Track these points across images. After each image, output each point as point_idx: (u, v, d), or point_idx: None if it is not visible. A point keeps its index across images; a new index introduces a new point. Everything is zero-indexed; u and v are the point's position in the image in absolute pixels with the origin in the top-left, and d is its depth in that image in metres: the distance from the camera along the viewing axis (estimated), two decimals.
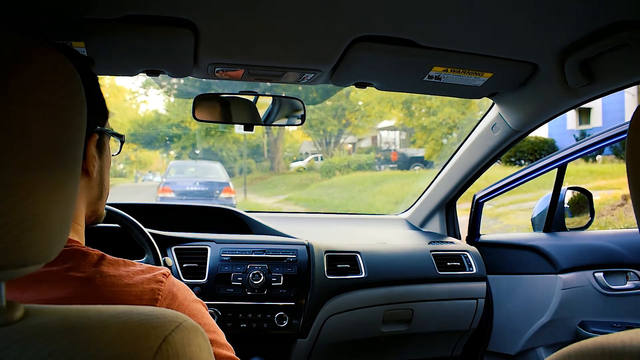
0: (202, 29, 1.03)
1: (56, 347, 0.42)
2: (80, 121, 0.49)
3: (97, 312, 0.47)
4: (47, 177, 0.45)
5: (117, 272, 0.69)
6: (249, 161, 17.64)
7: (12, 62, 0.43)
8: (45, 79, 0.45)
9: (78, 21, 0.98)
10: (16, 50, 0.44)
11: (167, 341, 0.45)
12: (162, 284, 0.71)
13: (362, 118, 17.06)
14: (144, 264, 0.74)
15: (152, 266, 0.74)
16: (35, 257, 0.45)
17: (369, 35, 1.09)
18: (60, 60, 0.48)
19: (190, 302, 0.76)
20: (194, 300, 0.78)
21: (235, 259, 1.71)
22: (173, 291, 0.72)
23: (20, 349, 0.42)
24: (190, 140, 17.18)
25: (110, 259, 0.71)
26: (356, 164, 15.80)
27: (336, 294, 1.78)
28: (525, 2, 0.94)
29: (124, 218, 1.51)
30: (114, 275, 0.68)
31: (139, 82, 17.99)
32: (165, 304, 0.70)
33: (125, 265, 0.71)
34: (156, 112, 18.48)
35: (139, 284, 0.69)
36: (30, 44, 0.46)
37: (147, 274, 0.71)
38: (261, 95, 1.52)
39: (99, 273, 0.67)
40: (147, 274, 0.71)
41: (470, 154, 1.93)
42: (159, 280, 0.71)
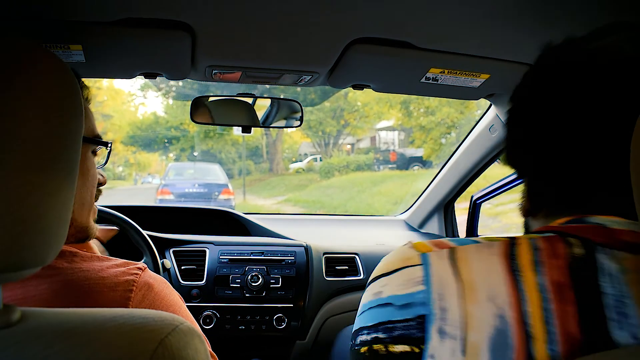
0: (199, 32, 1.03)
1: (53, 351, 0.42)
2: (77, 124, 0.49)
3: (93, 315, 0.47)
4: (44, 180, 0.45)
5: (90, 266, 0.69)
6: (247, 163, 17.64)
7: (9, 65, 0.43)
8: (43, 82, 0.45)
9: (75, 24, 0.98)
10: (13, 52, 0.44)
11: (163, 344, 0.45)
12: (137, 276, 0.71)
13: (360, 119, 17.07)
14: (119, 259, 0.74)
15: (128, 261, 0.74)
16: (33, 259, 0.45)
17: (366, 37, 1.09)
18: (58, 63, 0.47)
19: (167, 294, 0.75)
20: (170, 292, 0.77)
21: (233, 260, 1.72)
22: (149, 282, 0.72)
23: (17, 352, 0.42)
24: (189, 142, 17.18)
25: (83, 254, 0.71)
26: (355, 164, 15.81)
27: (335, 295, 1.78)
28: (522, 3, 0.94)
29: (122, 220, 1.51)
30: (87, 270, 0.68)
31: (137, 85, 18.01)
32: (140, 295, 0.69)
33: (99, 260, 0.71)
34: (155, 115, 18.49)
35: (112, 276, 0.68)
36: (28, 46, 0.46)
37: (122, 267, 0.71)
38: (259, 98, 1.52)
39: (72, 269, 0.67)
40: (122, 267, 0.71)
41: (468, 156, 1.93)
42: (133, 273, 0.71)
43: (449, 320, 0.53)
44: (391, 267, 0.62)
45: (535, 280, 0.53)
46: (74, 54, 1.09)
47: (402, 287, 0.59)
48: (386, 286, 0.61)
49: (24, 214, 0.43)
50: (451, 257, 0.58)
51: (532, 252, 0.55)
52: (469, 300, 0.53)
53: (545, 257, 0.54)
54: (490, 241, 0.59)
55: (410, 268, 0.59)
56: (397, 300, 0.58)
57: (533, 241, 0.57)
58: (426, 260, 0.59)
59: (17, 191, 0.42)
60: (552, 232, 0.59)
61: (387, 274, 0.62)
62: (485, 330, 0.51)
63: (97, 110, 1.36)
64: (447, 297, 0.54)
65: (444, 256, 0.58)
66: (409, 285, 0.58)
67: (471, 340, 0.51)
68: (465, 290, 0.54)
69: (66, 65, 0.49)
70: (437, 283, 0.56)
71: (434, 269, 0.57)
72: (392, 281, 0.60)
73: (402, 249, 0.64)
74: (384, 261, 0.65)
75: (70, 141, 0.48)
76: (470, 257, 0.57)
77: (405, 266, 0.60)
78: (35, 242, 0.44)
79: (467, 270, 0.55)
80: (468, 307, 0.53)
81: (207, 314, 1.64)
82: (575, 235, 0.57)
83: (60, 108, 0.47)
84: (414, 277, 0.58)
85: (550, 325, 0.51)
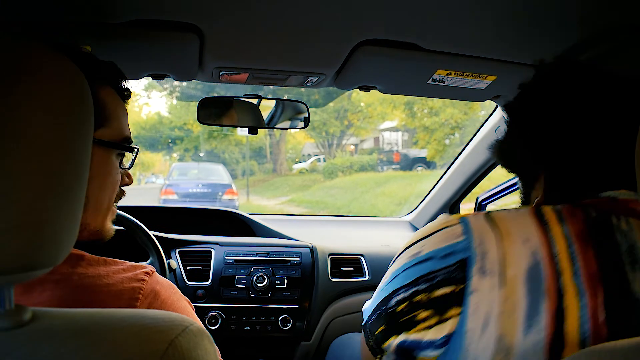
0: (207, 33, 1.03)
1: (64, 350, 0.42)
2: (87, 125, 0.49)
3: (104, 316, 0.47)
4: (53, 182, 0.45)
5: (95, 272, 0.66)
6: (251, 163, 17.65)
7: (18, 67, 0.44)
8: (52, 83, 0.45)
9: (84, 25, 0.99)
10: (22, 54, 0.44)
11: (173, 345, 0.45)
12: (144, 282, 0.68)
13: (364, 119, 17.04)
14: (127, 262, 0.72)
15: (135, 264, 0.72)
16: (44, 260, 0.45)
17: (373, 39, 1.09)
18: (67, 64, 0.48)
19: (175, 300, 0.73)
20: (178, 298, 0.74)
21: (239, 261, 1.72)
22: (156, 289, 0.70)
23: (28, 352, 0.43)
24: (192, 142, 17.19)
25: (90, 258, 0.68)
26: (359, 165, 15.79)
27: (340, 296, 1.78)
28: (528, 5, 0.94)
29: (129, 220, 1.51)
30: (92, 276, 0.66)
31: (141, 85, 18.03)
32: (146, 303, 0.67)
33: (105, 264, 0.69)
34: (159, 115, 18.50)
35: (118, 283, 0.66)
36: (37, 47, 0.46)
37: (129, 272, 0.69)
38: (265, 99, 1.52)
39: (77, 274, 0.65)
40: (128, 272, 0.69)
41: (473, 157, 1.93)
42: (140, 279, 0.68)
43: (488, 260, 0.62)
44: (430, 230, 0.72)
45: (561, 230, 0.64)
46: None
47: (443, 241, 0.68)
48: (425, 245, 0.70)
49: (34, 216, 0.43)
50: (487, 217, 0.68)
51: (556, 212, 0.66)
52: (506, 243, 0.63)
53: (567, 216, 0.66)
54: (517, 209, 0.70)
55: (450, 227, 0.69)
56: (438, 253, 0.67)
57: (553, 207, 0.68)
58: (465, 220, 0.68)
59: (27, 194, 0.43)
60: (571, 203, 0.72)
61: (426, 237, 0.71)
62: (521, 266, 0.61)
63: None
64: (487, 242, 0.64)
65: (481, 217, 0.68)
66: (450, 239, 0.67)
67: (509, 275, 0.61)
68: (502, 236, 0.64)
69: (75, 66, 0.49)
70: (477, 233, 0.65)
71: (473, 225, 0.67)
72: (431, 240, 0.69)
73: (439, 217, 0.74)
74: (422, 229, 0.74)
75: (79, 144, 0.48)
76: (504, 215, 0.67)
77: (445, 227, 0.69)
78: (45, 244, 0.45)
79: (503, 224, 0.65)
80: (506, 248, 0.63)
81: (213, 314, 1.64)
82: (590, 205, 0.68)
83: (69, 111, 0.47)
84: (455, 233, 0.67)
85: (574, 263, 0.62)
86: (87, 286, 0.64)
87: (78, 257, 0.67)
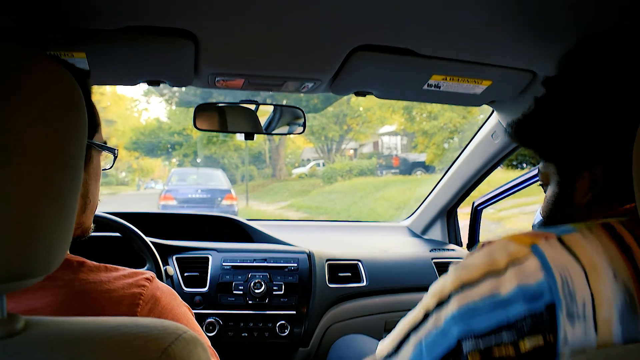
0: (202, 40, 1.04)
1: (56, 359, 0.42)
2: (81, 132, 0.49)
3: (97, 324, 0.47)
4: (48, 188, 0.45)
5: (97, 278, 0.67)
6: (250, 168, 17.65)
7: (13, 73, 0.43)
8: (46, 90, 0.45)
9: (79, 32, 0.99)
10: (16, 60, 0.44)
11: (166, 353, 0.45)
12: (145, 289, 0.69)
13: (363, 124, 17.08)
14: (127, 268, 0.72)
15: (136, 271, 0.72)
16: (37, 268, 0.45)
17: (368, 45, 1.09)
18: (61, 71, 0.47)
19: (175, 306, 0.73)
20: (178, 304, 0.75)
21: (236, 267, 1.72)
22: (156, 295, 0.70)
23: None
24: (191, 147, 17.20)
25: (91, 264, 0.69)
26: (358, 169, 15.81)
27: (337, 302, 1.78)
28: (523, 11, 0.95)
29: (125, 227, 1.51)
30: (94, 282, 0.66)
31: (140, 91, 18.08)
32: (146, 309, 0.68)
33: (106, 270, 0.70)
34: (158, 120, 18.53)
35: (119, 289, 0.67)
36: (31, 54, 0.46)
37: (129, 278, 0.70)
38: (262, 104, 1.53)
39: (78, 280, 0.66)
40: (129, 278, 0.70)
41: (470, 162, 1.93)
42: (141, 285, 0.69)
43: (577, 303, 0.54)
44: (499, 264, 0.60)
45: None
46: (77, 61, 1.09)
47: (522, 279, 0.57)
48: (502, 286, 0.58)
49: (27, 223, 0.43)
50: (562, 245, 0.59)
51: (629, 231, 0.60)
52: (594, 281, 0.55)
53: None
54: (583, 227, 0.62)
55: (523, 262, 0.59)
56: (519, 295, 0.57)
57: (621, 222, 0.62)
58: (538, 250, 0.59)
59: (20, 199, 0.42)
60: (629, 214, 0.64)
61: (498, 273, 0.60)
62: (614, 306, 0.54)
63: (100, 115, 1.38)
64: (573, 280, 0.55)
65: (555, 245, 0.59)
66: (526, 277, 0.57)
67: (602, 318, 0.54)
68: (588, 271, 0.56)
69: (70, 74, 0.49)
70: (558, 268, 0.56)
71: (550, 257, 0.58)
72: (506, 278, 0.59)
73: (500, 244, 0.63)
74: (479, 259, 0.63)
75: (74, 148, 0.48)
76: (581, 241, 0.59)
77: (516, 260, 0.59)
78: (38, 251, 0.44)
79: (583, 253, 0.57)
80: (595, 286, 0.55)
81: (210, 321, 1.64)
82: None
83: (63, 115, 0.47)
84: (530, 268, 0.58)
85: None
86: (89, 292, 0.65)
87: (79, 264, 0.68)
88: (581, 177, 0.74)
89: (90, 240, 1.76)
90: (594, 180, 0.72)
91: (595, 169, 0.73)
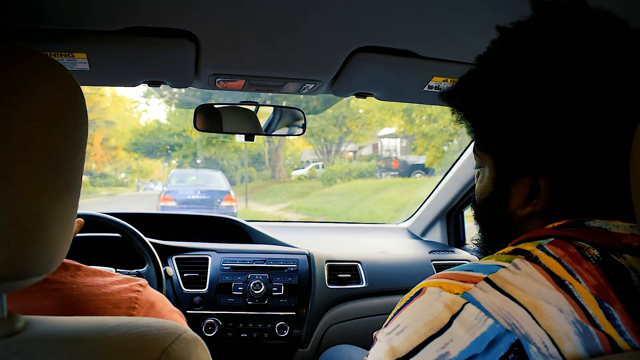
0: (202, 41, 1.04)
1: (56, 359, 0.42)
2: (81, 132, 0.49)
3: (97, 324, 0.47)
4: (48, 189, 0.45)
5: (93, 281, 0.69)
6: (250, 170, 17.63)
7: (13, 73, 0.43)
8: (47, 91, 0.45)
9: (80, 32, 0.99)
10: (17, 61, 0.44)
11: (166, 353, 0.45)
12: (140, 293, 0.72)
13: (363, 126, 17.06)
14: (121, 274, 0.75)
15: (129, 277, 0.75)
16: (37, 268, 0.45)
17: (368, 46, 1.10)
18: (62, 72, 0.47)
19: (167, 312, 0.76)
20: (171, 310, 0.78)
21: (236, 268, 1.71)
22: (151, 300, 0.73)
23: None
24: (191, 149, 17.18)
25: (87, 269, 0.71)
26: (357, 171, 15.78)
27: (337, 303, 1.78)
28: (524, 12, 0.95)
29: (125, 228, 1.51)
30: (91, 285, 0.68)
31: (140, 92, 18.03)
32: (142, 312, 0.70)
33: (102, 275, 0.72)
34: (157, 122, 18.50)
35: (116, 293, 0.69)
36: (31, 55, 0.46)
37: (124, 283, 0.72)
38: (262, 105, 1.53)
39: (75, 283, 0.68)
40: (123, 283, 0.72)
41: (470, 164, 1.93)
42: (135, 290, 0.72)
43: (537, 344, 0.48)
44: (440, 319, 0.51)
45: (582, 287, 0.51)
46: (78, 62, 1.09)
47: (472, 329, 0.49)
48: (450, 343, 0.49)
49: (27, 224, 0.43)
50: (494, 287, 0.51)
51: (559, 262, 0.52)
52: (542, 319, 0.49)
53: (571, 264, 0.52)
54: (506, 262, 0.54)
55: (464, 310, 0.50)
56: (477, 347, 0.48)
57: (543, 249, 0.54)
58: (471, 298, 0.51)
59: (21, 201, 0.42)
60: (553, 236, 0.56)
61: (442, 330, 0.50)
62: (574, 339, 0.48)
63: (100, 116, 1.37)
64: (521, 324, 0.49)
65: (487, 288, 0.51)
66: (478, 325, 0.49)
67: (568, 352, 0.48)
68: (532, 312, 0.49)
69: (70, 74, 0.49)
70: (502, 317, 0.49)
71: (487, 304, 0.50)
72: (454, 334, 0.50)
73: (434, 296, 0.53)
74: (420, 320, 0.52)
75: (74, 150, 0.48)
76: (511, 280, 0.51)
77: (457, 312, 0.51)
78: (38, 252, 0.44)
79: (518, 294, 0.50)
80: (545, 324, 0.49)
81: (209, 321, 1.63)
82: (580, 239, 0.54)
83: (64, 117, 0.47)
84: (475, 316, 0.50)
85: (615, 320, 0.50)
86: (87, 294, 0.66)
87: (76, 267, 0.70)
88: (518, 182, 0.60)
89: (90, 240, 1.76)
90: (534, 192, 0.59)
91: (539, 177, 0.58)
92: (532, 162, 0.58)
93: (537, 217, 0.61)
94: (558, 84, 0.54)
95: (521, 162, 0.59)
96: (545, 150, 0.56)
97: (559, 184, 0.57)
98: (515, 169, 0.60)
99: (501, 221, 0.65)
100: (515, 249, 0.56)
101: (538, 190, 0.58)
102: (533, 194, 0.59)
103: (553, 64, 0.55)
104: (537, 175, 0.58)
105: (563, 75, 0.54)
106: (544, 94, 0.55)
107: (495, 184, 0.64)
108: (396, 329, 0.54)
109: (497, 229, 0.67)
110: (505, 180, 0.62)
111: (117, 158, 17.62)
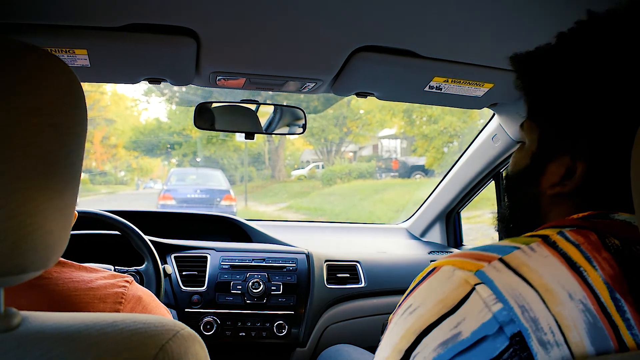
0: (204, 38, 1.04)
1: (53, 355, 0.42)
2: (80, 128, 0.49)
3: (94, 320, 0.47)
4: (46, 184, 0.44)
5: (79, 277, 0.70)
6: (250, 169, 17.64)
7: (13, 69, 0.43)
8: (46, 86, 0.45)
9: (81, 29, 0.99)
10: (17, 56, 0.44)
11: (164, 349, 0.45)
12: (126, 288, 0.72)
13: (363, 126, 17.07)
14: (107, 271, 0.76)
15: (115, 273, 0.76)
16: (35, 263, 0.45)
17: (370, 46, 1.10)
18: (62, 68, 0.47)
19: (154, 307, 0.77)
20: (157, 306, 0.79)
21: (235, 267, 1.71)
22: (138, 294, 0.74)
23: (17, 357, 0.42)
24: (191, 147, 17.18)
25: (72, 265, 0.72)
26: (357, 172, 15.80)
27: (336, 303, 1.78)
28: (524, 14, 0.95)
29: (124, 225, 1.51)
30: (77, 280, 0.69)
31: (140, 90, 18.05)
32: (129, 307, 0.71)
33: (87, 271, 0.72)
34: (157, 120, 18.50)
35: (102, 288, 0.70)
36: (32, 50, 0.46)
37: (111, 279, 0.73)
38: (262, 104, 1.53)
39: (61, 279, 0.68)
40: (110, 279, 0.73)
41: (470, 165, 1.93)
42: (122, 285, 0.73)
43: (544, 330, 0.48)
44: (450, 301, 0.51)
45: (597, 274, 0.51)
46: (78, 59, 1.09)
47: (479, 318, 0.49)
48: (463, 322, 0.50)
49: (26, 218, 0.43)
50: (508, 268, 0.52)
51: (577, 249, 0.53)
52: (552, 304, 0.49)
53: (595, 255, 0.53)
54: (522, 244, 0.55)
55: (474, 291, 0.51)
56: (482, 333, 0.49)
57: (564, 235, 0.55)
58: (485, 277, 0.51)
59: (20, 195, 0.42)
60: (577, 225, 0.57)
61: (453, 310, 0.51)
62: (581, 328, 0.49)
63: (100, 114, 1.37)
64: (531, 307, 0.49)
65: (501, 268, 0.52)
66: (486, 309, 0.49)
67: (574, 342, 0.48)
68: (543, 295, 0.50)
69: (70, 69, 0.49)
70: (513, 297, 0.49)
71: (500, 283, 0.50)
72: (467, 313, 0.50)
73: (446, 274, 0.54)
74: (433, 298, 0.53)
75: (73, 145, 0.48)
76: (526, 261, 0.52)
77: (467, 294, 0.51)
78: (37, 246, 0.44)
79: (532, 276, 0.51)
80: (555, 310, 0.49)
81: (208, 320, 1.63)
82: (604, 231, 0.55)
83: (64, 112, 0.46)
84: (485, 299, 0.50)
85: (625, 313, 0.50)
86: (73, 289, 0.67)
87: (63, 263, 0.71)
88: (557, 160, 0.62)
89: (89, 238, 1.76)
90: (569, 173, 0.61)
91: (577, 159, 0.60)
92: (576, 144, 0.60)
93: (563, 201, 0.62)
94: (629, 74, 0.56)
95: (565, 142, 0.61)
96: (595, 135, 0.58)
97: (594, 170, 0.59)
98: (557, 147, 0.62)
99: (528, 198, 0.67)
100: (534, 235, 0.57)
101: (573, 173, 0.60)
102: (567, 175, 0.61)
103: (629, 55, 0.57)
104: (577, 157, 0.60)
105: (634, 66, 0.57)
106: (614, 81, 0.57)
107: (533, 157, 0.66)
108: (409, 309, 0.54)
109: (523, 205, 0.69)
110: (544, 156, 0.64)
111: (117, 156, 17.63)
